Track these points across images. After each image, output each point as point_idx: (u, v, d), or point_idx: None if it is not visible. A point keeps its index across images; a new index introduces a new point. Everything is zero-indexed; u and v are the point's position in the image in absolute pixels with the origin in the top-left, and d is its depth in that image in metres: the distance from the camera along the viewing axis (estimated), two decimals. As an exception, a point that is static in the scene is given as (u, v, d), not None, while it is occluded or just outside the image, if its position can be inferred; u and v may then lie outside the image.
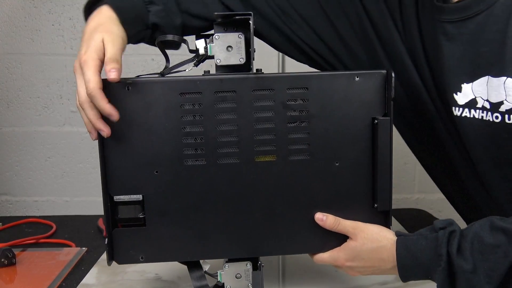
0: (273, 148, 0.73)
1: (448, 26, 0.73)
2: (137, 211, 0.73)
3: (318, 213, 0.75)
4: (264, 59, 0.97)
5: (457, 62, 0.73)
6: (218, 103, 0.71)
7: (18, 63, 1.43)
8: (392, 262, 0.70)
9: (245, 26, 0.71)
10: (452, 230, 0.66)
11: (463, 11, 0.71)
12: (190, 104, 0.71)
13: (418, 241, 0.69)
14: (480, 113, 0.71)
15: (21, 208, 1.50)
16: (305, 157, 0.74)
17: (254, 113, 0.72)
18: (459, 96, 0.73)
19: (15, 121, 1.45)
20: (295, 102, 0.72)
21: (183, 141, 0.72)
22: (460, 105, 0.74)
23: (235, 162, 0.73)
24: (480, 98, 0.71)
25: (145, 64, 1.45)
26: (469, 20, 0.71)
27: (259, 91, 0.72)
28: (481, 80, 0.70)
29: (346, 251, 0.74)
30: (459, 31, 0.72)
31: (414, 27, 0.80)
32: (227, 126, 0.72)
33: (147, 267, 0.93)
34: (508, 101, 0.68)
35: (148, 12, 0.78)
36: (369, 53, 0.86)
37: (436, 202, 0.99)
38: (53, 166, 1.48)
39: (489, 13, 0.69)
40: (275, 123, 0.72)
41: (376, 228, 0.73)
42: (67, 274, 0.93)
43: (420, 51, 0.79)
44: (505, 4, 0.68)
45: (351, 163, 0.74)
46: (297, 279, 0.89)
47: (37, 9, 1.41)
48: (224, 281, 0.77)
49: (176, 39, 0.75)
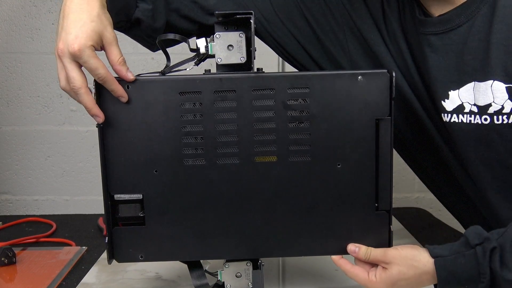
0: (274, 148, 0.72)
1: (432, 38, 0.76)
2: (138, 210, 0.73)
3: (351, 244, 0.74)
4: (264, 58, 0.97)
5: (443, 71, 0.76)
6: (218, 102, 0.71)
7: (18, 62, 1.43)
8: (432, 282, 0.70)
9: (246, 25, 0.71)
10: (493, 248, 0.66)
11: (445, 23, 0.75)
12: (190, 103, 0.71)
13: (456, 261, 0.67)
14: (468, 117, 0.74)
15: (21, 207, 1.50)
16: (306, 158, 0.73)
17: (254, 113, 0.71)
18: (447, 103, 0.76)
19: (15, 120, 1.45)
20: (296, 102, 0.72)
21: (182, 141, 0.71)
22: (449, 111, 0.76)
23: (235, 162, 0.72)
24: (467, 103, 0.74)
25: (145, 64, 1.45)
26: (452, 32, 0.74)
27: (260, 91, 0.71)
28: (467, 86, 0.74)
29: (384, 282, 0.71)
30: (443, 43, 0.75)
31: (401, 40, 0.82)
32: (227, 126, 0.71)
33: (148, 266, 0.93)
34: (496, 102, 0.72)
35: (136, 7, 0.79)
36: (355, 68, 0.87)
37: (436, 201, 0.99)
38: (53, 165, 1.48)
39: (471, 24, 0.73)
40: (275, 123, 0.72)
41: (409, 252, 0.71)
42: (67, 273, 0.93)
43: (410, 62, 0.81)
44: (485, 16, 0.72)
45: (354, 165, 0.73)
46: (297, 278, 0.89)
47: (37, 8, 1.41)
48: (224, 280, 0.77)
49: (177, 38, 0.75)
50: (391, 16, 0.82)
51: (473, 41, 0.72)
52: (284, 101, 0.71)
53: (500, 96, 0.71)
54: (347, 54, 0.87)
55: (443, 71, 0.76)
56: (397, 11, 0.82)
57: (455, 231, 1.12)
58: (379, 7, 0.83)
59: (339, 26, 0.87)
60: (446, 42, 0.75)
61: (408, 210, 1.34)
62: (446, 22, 0.75)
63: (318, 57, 0.89)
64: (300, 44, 0.89)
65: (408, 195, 1.54)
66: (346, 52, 0.87)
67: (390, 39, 0.83)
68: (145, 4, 0.79)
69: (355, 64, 0.87)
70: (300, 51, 0.90)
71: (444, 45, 0.75)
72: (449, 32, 0.75)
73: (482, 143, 0.74)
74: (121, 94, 0.70)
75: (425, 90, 0.80)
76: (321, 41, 0.88)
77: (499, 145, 0.73)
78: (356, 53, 0.86)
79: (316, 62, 0.90)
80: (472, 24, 0.73)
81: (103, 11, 0.69)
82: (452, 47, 0.75)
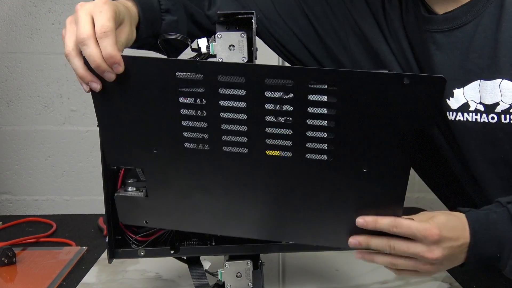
0: (288, 143, 0.64)
1: (437, 36, 0.76)
2: (139, 209, 0.73)
3: None
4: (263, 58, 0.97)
5: (448, 69, 0.75)
6: (223, 89, 0.62)
7: (18, 62, 1.43)
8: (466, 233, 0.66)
9: (247, 25, 0.71)
10: None
11: (451, 21, 0.75)
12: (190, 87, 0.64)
13: (489, 215, 0.66)
14: (474, 115, 0.74)
15: (21, 207, 1.49)
16: (328, 158, 0.64)
17: (267, 105, 0.62)
18: (451, 101, 0.76)
19: (15, 120, 1.45)
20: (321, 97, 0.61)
21: (182, 124, 0.65)
22: (453, 110, 0.76)
23: (243, 152, 0.65)
24: (472, 102, 0.74)
25: (145, 63, 1.45)
26: (458, 29, 0.74)
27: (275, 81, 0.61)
28: (472, 84, 0.74)
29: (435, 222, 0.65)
30: (448, 40, 0.75)
31: (402, 38, 0.82)
32: (233, 115, 0.63)
33: (148, 266, 0.93)
34: (504, 101, 0.71)
35: (162, 20, 0.77)
36: (357, 67, 0.87)
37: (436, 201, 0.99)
38: (53, 165, 1.48)
39: (477, 22, 0.73)
40: (293, 118, 0.62)
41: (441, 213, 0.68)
42: (68, 273, 0.93)
43: (412, 60, 0.81)
44: (493, 14, 0.71)
45: (381, 171, 0.64)
46: (297, 278, 0.89)
47: (37, 8, 1.41)
48: (225, 279, 0.77)
49: (178, 37, 0.75)
50: (392, 15, 0.82)
51: (479, 39, 0.72)
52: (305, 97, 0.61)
53: (508, 95, 0.71)
54: (349, 53, 0.87)
55: (447, 69, 0.75)
56: (398, 9, 0.82)
57: (455, 231, 1.13)
58: (379, 5, 0.84)
59: (340, 25, 0.87)
60: (451, 40, 0.75)
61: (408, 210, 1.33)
62: (452, 19, 0.75)
63: (319, 56, 0.89)
64: (302, 43, 0.89)
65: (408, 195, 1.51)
66: (348, 50, 0.87)
67: (391, 37, 0.83)
68: (170, 16, 0.78)
69: (356, 63, 0.87)
70: (302, 49, 0.90)
71: (449, 43, 0.75)
72: (454, 30, 0.75)
73: (487, 141, 0.74)
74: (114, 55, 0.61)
75: None
76: (323, 40, 0.88)
77: (505, 144, 0.73)
78: (358, 52, 0.86)
79: (317, 61, 0.90)
80: (478, 22, 0.73)
81: None
82: (458, 45, 0.75)
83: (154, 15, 0.76)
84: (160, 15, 0.77)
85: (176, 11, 0.80)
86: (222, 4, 0.86)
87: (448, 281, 0.87)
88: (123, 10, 0.66)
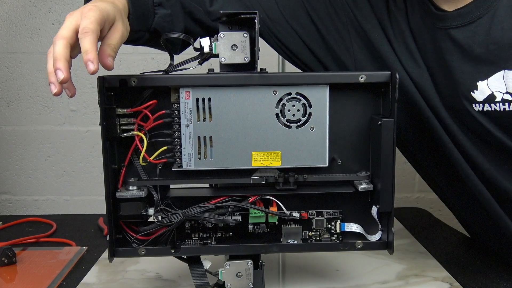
0: None
1: (453, 32, 0.76)
2: (139, 208, 0.73)
3: None
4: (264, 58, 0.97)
5: (468, 63, 0.76)
6: None
7: (18, 62, 1.43)
8: None
9: (250, 25, 0.71)
10: None
11: (465, 16, 0.75)
12: None
13: None
14: (501, 105, 0.75)
15: (21, 207, 1.49)
16: None
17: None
18: (476, 93, 0.77)
19: (15, 120, 1.45)
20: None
21: None
22: (480, 102, 0.77)
23: None
24: (498, 92, 0.75)
25: (145, 63, 1.45)
26: (473, 24, 0.75)
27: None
28: (496, 75, 0.74)
29: None
30: (465, 35, 0.76)
31: (409, 39, 0.82)
32: None
33: (148, 266, 0.93)
34: None
35: (154, 14, 0.78)
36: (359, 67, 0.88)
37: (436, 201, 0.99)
38: (53, 165, 1.48)
39: (492, 14, 0.73)
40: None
41: None
42: (68, 273, 0.93)
43: (420, 61, 0.82)
44: (507, 5, 0.72)
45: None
46: (297, 278, 0.89)
47: (37, 8, 1.41)
48: (225, 279, 0.77)
49: (181, 36, 0.74)
50: (398, 16, 0.83)
51: (497, 31, 0.73)
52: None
53: None
54: (352, 54, 0.87)
55: (468, 63, 0.76)
56: (404, 11, 0.83)
57: (455, 231, 1.13)
58: (383, 6, 0.84)
59: (343, 26, 0.87)
60: (468, 35, 0.76)
61: (408, 210, 1.34)
62: (465, 15, 0.76)
63: (322, 56, 0.90)
64: (305, 43, 0.89)
65: (408, 195, 1.54)
66: (351, 51, 0.87)
67: (396, 39, 0.83)
68: (163, 9, 0.79)
69: (360, 64, 0.87)
70: (304, 50, 0.90)
71: (466, 37, 0.76)
72: (469, 24, 0.75)
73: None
74: None
75: (434, 88, 0.80)
76: (326, 40, 0.88)
77: None
78: (361, 53, 0.87)
79: (320, 61, 0.90)
80: (493, 14, 0.74)
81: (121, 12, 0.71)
82: (474, 39, 0.75)
83: (146, 8, 0.77)
84: (153, 9, 0.78)
85: (170, 5, 0.80)
86: (225, 3, 0.86)
87: (448, 281, 0.87)
88: (111, 10, 0.68)
